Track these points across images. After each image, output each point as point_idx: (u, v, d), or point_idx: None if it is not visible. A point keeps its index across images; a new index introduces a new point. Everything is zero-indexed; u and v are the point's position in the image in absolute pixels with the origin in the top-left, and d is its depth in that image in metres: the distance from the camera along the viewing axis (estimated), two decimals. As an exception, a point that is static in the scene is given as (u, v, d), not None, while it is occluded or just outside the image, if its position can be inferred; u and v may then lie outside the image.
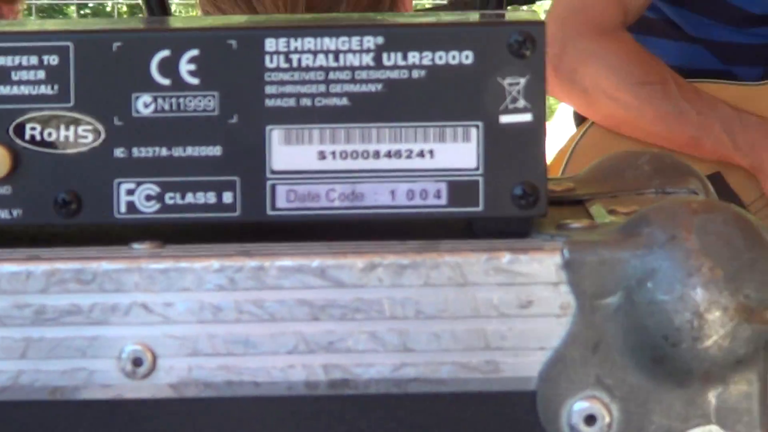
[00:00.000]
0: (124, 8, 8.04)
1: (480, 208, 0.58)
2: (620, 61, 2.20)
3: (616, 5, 2.22)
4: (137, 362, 0.56)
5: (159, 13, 1.27)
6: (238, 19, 0.80)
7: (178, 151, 0.59)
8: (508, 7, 2.31)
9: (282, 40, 0.58)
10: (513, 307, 0.55)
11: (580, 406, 0.55)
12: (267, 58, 0.58)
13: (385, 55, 0.58)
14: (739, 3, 2.26)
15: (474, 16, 0.62)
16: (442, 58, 0.57)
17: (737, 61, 2.30)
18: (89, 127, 0.60)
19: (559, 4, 2.32)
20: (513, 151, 0.57)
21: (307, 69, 0.58)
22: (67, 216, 0.59)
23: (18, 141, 0.59)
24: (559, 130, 4.45)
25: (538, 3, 3.24)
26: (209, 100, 0.59)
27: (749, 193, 2.18)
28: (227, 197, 0.59)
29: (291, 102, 0.59)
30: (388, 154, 0.58)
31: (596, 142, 2.24)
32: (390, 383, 0.56)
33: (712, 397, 0.55)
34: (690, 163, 2.16)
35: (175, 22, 0.74)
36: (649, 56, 2.20)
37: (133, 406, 0.57)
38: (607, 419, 0.55)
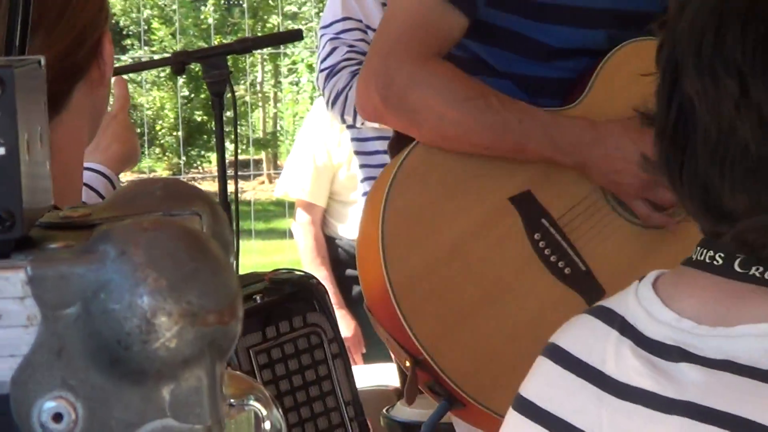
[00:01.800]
0: None
1: None
2: (443, 83, 2.28)
3: (433, 36, 2.31)
4: None
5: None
6: None
7: None
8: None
9: None
10: None
11: (48, 405, 0.57)
12: None
13: None
14: (538, 36, 2.39)
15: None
16: None
17: (541, 93, 2.42)
18: None
19: (380, 41, 2.38)
20: None
21: None
22: None
23: None
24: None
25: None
26: None
27: (560, 206, 2.31)
28: None
29: None
30: None
31: (423, 159, 2.30)
32: None
33: (166, 393, 0.57)
34: (508, 176, 2.30)
35: None
36: (467, 76, 2.30)
37: None
38: (73, 416, 0.57)
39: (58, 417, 0.57)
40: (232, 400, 0.76)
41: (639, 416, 1.28)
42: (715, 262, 1.32)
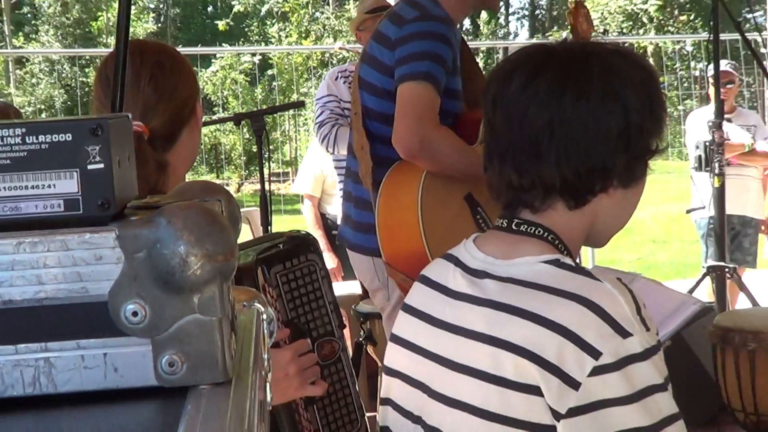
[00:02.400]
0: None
1: (81, 212, 0.58)
2: (449, 141, 2.29)
3: (434, 111, 2.30)
4: None
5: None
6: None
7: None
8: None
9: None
10: (93, 260, 0.56)
11: (129, 307, 0.56)
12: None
13: (27, 138, 0.57)
14: (450, 108, 2.39)
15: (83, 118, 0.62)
16: (56, 137, 0.57)
17: None
18: None
19: (411, 113, 2.31)
20: (96, 183, 0.57)
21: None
22: None
23: None
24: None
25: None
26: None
27: (484, 200, 2.32)
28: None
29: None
30: (35, 186, 0.58)
31: (431, 180, 2.30)
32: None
33: (195, 299, 0.56)
34: (460, 185, 2.34)
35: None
36: (456, 135, 2.32)
37: None
38: (143, 313, 0.56)
39: (135, 314, 0.56)
40: (244, 303, 0.75)
41: (465, 308, 1.28)
42: (503, 224, 1.33)
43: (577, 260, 1.32)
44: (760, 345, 2.57)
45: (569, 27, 2.63)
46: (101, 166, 0.58)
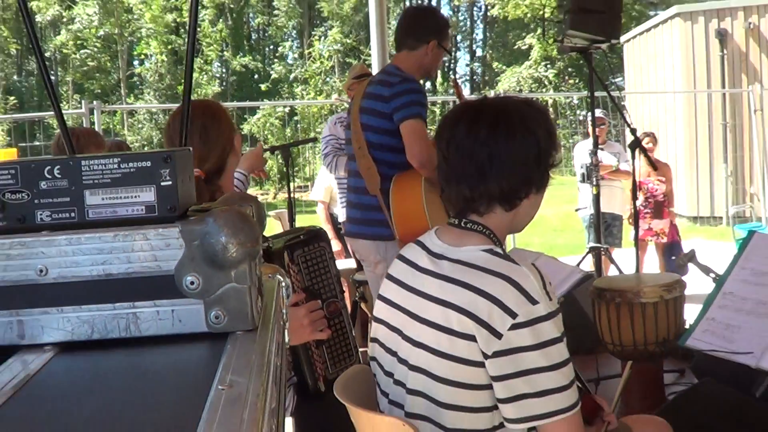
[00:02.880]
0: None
1: (156, 214, 0.57)
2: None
3: (428, 137, 2.30)
4: None
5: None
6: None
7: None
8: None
9: (87, 161, 0.57)
10: (164, 246, 0.54)
11: (188, 278, 0.55)
12: (83, 166, 0.57)
13: (121, 164, 0.56)
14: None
15: (157, 151, 0.60)
16: (140, 163, 0.56)
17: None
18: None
19: (419, 140, 2.32)
20: (167, 193, 0.56)
21: (94, 169, 0.57)
22: None
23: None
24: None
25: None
26: (65, 181, 0.57)
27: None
28: (72, 211, 0.57)
29: (93, 181, 0.57)
30: (126, 197, 0.57)
31: (428, 182, 2.30)
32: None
33: (233, 273, 0.55)
34: (437, 186, 2.02)
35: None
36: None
37: None
38: (198, 282, 0.55)
39: (192, 283, 0.55)
40: (270, 275, 0.74)
41: (427, 279, 1.26)
42: (456, 223, 1.31)
43: (504, 246, 1.32)
44: (623, 300, 2.58)
45: (454, 93, 2.78)
46: (170, 183, 0.57)
